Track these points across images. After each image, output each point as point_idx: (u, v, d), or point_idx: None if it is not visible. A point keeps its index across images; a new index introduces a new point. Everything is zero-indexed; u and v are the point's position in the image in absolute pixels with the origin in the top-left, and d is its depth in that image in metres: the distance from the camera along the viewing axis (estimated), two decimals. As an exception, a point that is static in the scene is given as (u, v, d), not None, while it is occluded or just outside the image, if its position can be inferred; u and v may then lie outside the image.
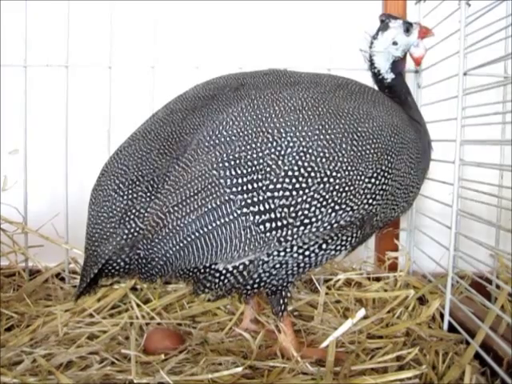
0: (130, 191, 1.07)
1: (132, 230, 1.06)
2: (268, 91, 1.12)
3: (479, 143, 1.50)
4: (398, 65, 1.34)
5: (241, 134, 1.05)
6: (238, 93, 1.15)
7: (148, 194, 1.06)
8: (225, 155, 1.03)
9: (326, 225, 1.03)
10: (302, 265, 1.08)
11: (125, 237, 1.06)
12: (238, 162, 1.02)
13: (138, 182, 1.07)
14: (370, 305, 1.58)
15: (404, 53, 1.34)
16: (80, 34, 1.63)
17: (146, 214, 1.05)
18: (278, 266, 1.06)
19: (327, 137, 1.02)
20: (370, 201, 1.06)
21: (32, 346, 1.29)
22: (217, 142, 1.06)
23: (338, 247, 1.07)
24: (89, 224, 1.12)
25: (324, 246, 1.06)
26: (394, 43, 1.32)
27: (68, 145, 1.60)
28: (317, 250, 1.06)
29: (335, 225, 1.03)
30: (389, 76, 1.34)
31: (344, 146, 1.03)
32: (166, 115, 1.15)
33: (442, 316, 1.44)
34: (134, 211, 1.06)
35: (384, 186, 1.08)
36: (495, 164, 1.52)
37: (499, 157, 1.60)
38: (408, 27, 1.32)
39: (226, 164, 1.02)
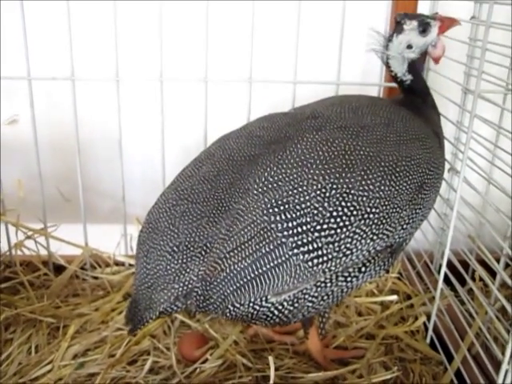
0: (185, 255, 1.11)
1: (187, 283, 1.11)
2: (310, 136, 1.15)
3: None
4: (415, 65, 1.31)
5: (286, 179, 1.10)
6: (280, 146, 1.16)
7: (202, 257, 1.11)
8: (273, 201, 1.08)
9: (364, 252, 1.11)
10: (345, 290, 1.15)
11: (180, 289, 1.11)
12: (286, 206, 1.07)
13: (191, 248, 1.11)
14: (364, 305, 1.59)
15: (421, 53, 1.29)
16: (85, 47, 1.64)
17: (201, 268, 1.11)
18: (325, 297, 1.14)
19: (368, 181, 1.09)
20: (405, 226, 1.14)
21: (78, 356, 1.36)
22: (264, 188, 1.10)
23: (377, 268, 1.15)
24: (142, 271, 1.15)
25: (363, 269, 1.13)
26: (409, 46, 1.28)
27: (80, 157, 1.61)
28: (357, 274, 1.13)
29: (372, 251, 1.12)
30: (407, 78, 1.32)
31: (383, 187, 1.10)
32: (213, 176, 1.17)
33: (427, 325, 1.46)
34: (188, 270, 1.11)
35: (416, 215, 1.16)
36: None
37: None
38: (425, 27, 1.27)
39: (276, 209, 1.07)
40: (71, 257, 1.68)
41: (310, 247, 1.06)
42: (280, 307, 1.11)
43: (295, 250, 1.05)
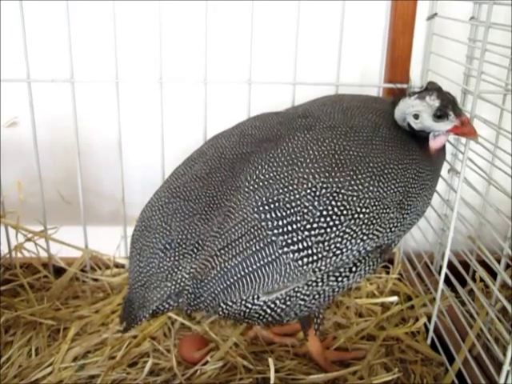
0: (177, 253, 1.12)
1: (179, 281, 1.11)
2: (301, 135, 1.15)
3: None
4: (416, 132, 1.20)
5: (277, 177, 1.09)
6: (271, 145, 1.16)
7: (193, 255, 1.11)
8: (264, 199, 1.08)
9: (354, 252, 1.10)
10: (336, 289, 1.15)
11: (172, 287, 1.12)
12: (276, 204, 1.07)
13: (184, 246, 1.12)
14: (364, 306, 1.59)
15: (421, 130, 1.18)
16: (84, 49, 1.64)
17: (193, 266, 1.11)
18: (316, 296, 1.14)
19: (357, 181, 1.08)
20: (393, 229, 1.14)
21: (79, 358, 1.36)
22: (255, 186, 1.10)
23: (367, 268, 1.16)
24: (135, 270, 1.16)
25: (354, 269, 1.13)
26: (416, 116, 1.17)
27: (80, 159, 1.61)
28: (348, 274, 1.13)
29: (363, 251, 1.11)
30: (405, 127, 1.20)
31: (371, 188, 1.09)
32: (205, 174, 1.17)
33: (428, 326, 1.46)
34: (180, 268, 1.11)
35: (403, 220, 1.16)
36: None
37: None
38: (441, 115, 1.14)
39: (266, 207, 1.07)
40: (71, 259, 1.68)
41: (300, 246, 1.06)
42: (272, 305, 1.11)
43: (285, 249, 1.06)
